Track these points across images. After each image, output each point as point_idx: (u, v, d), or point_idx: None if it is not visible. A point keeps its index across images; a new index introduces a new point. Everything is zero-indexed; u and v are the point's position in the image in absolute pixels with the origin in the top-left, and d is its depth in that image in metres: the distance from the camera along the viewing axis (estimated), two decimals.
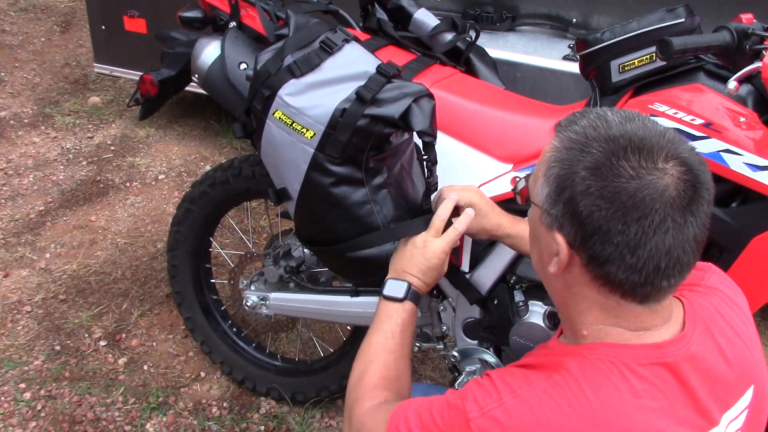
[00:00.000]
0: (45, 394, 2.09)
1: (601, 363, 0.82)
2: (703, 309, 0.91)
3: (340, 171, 1.31)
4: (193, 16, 1.73)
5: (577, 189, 0.79)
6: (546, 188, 0.83)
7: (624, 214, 0.76)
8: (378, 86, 1.27)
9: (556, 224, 0.82)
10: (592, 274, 0.82)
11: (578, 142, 0.81)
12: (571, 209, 0.80)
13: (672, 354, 0.83)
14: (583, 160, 0.79)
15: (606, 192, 0.77)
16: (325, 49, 1.34)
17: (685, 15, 1.40)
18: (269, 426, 2.06)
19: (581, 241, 0.80)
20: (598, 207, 0.77)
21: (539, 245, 0.89)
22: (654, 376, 0.82)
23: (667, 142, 0.79)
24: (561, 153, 0.82)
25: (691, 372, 0.84)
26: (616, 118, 0.81)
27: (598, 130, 0.80)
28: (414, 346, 1.77)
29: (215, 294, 2.18)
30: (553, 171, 0.82)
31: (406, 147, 1.43)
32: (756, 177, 1.26)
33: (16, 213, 2.86)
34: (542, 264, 0.90)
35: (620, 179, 0.76)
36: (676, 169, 0.77)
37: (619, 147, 0.78)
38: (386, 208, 1.38)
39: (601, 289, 0.83)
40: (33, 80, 3.92)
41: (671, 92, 1.38)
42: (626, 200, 0.76)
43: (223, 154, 3.39)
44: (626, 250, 0.78)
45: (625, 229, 0.76)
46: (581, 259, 0.82)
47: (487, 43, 2.42)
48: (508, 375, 0.87)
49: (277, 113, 1.32)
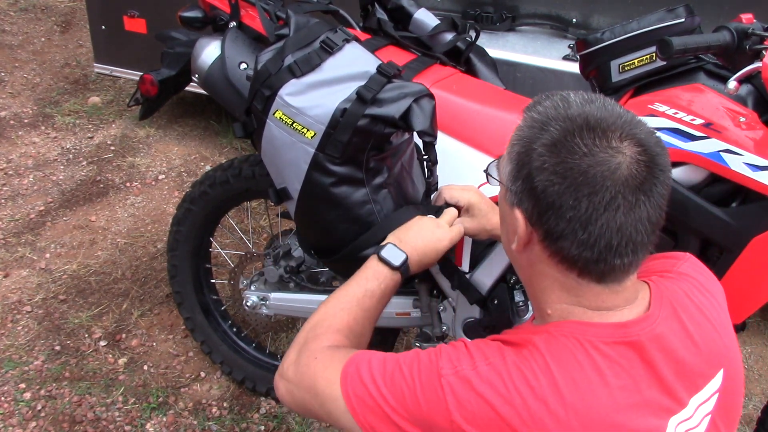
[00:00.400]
0: (45, 394, 2.09)
1: (566, 339, 0.84)
2: (671, 292, 0.92)
3: (340, 171, 1.32)
4: (194, 16, 1.73)
5: (534, 165, 0.82)
6: (509, 166, 0.87)
7: (575, 190, 0.78)
8: (378, 86, 1.27)
9: (516, 200, 0.85)
10: (549, 251, 0.85)
11: (539, 121, 0.84)
12: (528, 185, 0.83)
13: (636, 333, 0.84)
14: (541, 137, 0.82)
15: (560, 168, 0.79)
16: (326, 49, 1.34)
17: (685, 15, 1.41)
18: (269, 426, 2.06)
19: (537, 217, 0.83)
20: (551, 182, 0.80)
21: (506, 224, 0.92)
22: (618, 354, 0.83)
23: (623, 123, 0.81)
24: (523, 131, 0.85)
25: (657, 352, 0.85)
26: (578, 100, 0.84)
27: (558, 110, 0.83)
28: (414, 346, 1.77)
29: (215, 294, 2.18)
30: (515, 149, 0.86)
31: (406, 147, 1.43)
32: (756, 177, 1.26)
33: (16, 213, 2.86)
34: (508, 242, 0.93)
35: (574, 156, 0.79)
36: (630, 149, 0.79)
37: (575, 125, 0.80)
38: (387, 208, 1.38)
39: (560, 267, 0.85)
40: (33, 80, 3.92)
41: (671, 92, 1.38)
42: (578, 176, 0.78)
43: (223, 154, 3.39)
44: (578, 226, 0.80)
45: (577, 205, 0.79)
46: (538, 235, 0.85)
47: (487, 43, 2.42)
48: (483, 344, 0.89)
49: (278, 113, 1.32)
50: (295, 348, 1.06)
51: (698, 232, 1.36)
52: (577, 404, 0.80)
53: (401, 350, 2.32)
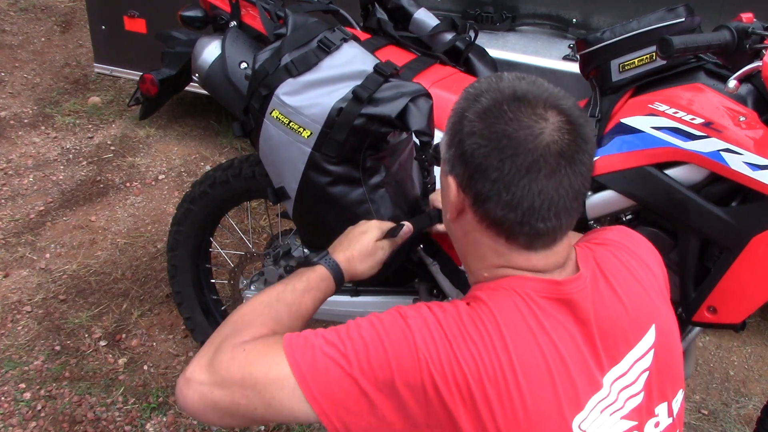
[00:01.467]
0: (45, 394, 2.09)
1: (505, 291, 0.88)
2: (597, 254, 0.96)
3: (337, 170, 1.32)
4: (194, 15, 1.73)
5: (465, 131, 0.86)
6: (445, 137, 0.91)
7: (500, 151, 0.83)
8: (375, 85, 1.27)
9: (449, 167, 0.89)
10: (479, 215, 0.88)
11: (473, 93, 0.88)
12: (459, 150, 0.87)
13: (569, 291, 0.88)
14: (474, 107, 0.86)
15: (486, 131, 0.84)
16: (323, 49, 1.34)
17: (685, 14, 1.40)
18: (269, 426, 2.06)
19: (468, 181, 0.87)
20: (479, 145, 0.84)
21: (445, 195, 0.95)
22: (553, 309, 0.87)
23: (549, 95, 0.85)
24: (459, 104, 0.90)
25: (587, 311, 0.88)
26: (510, 77, 0.89)
27: (491, 84, 0.88)
28: None
29: (215, 294, 2.18)
30: (450, 120, 0.90)
31: (404, 146, 1.43)
32: (756, 176, 1.26)
33: (16, 213, 2.86)
34: (445, 212, 0.96)
35: (500, 121, 0.83)
36: (555, 117, 0.83)
37: (504, 96, 0.85)
38: (384, 207, 1.38)
39: (490, 233, 0.89)
40: (33, 80, 3.92)
41: (671, 92, 1.38)
42: (502, 138, 0.83)
43: (223, 154, 3.39)
44: (502, 187, 0.83)
45: (501, 166, 0.83)
46: (469, 200, 0.88)
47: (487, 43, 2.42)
48: (435, 303, 0.92)
49: (275, 112, 1.33)
50: (207, 350, 0.94)
51: (698, 231, 1.36)
52: (521, 350, 0.83)
53: None
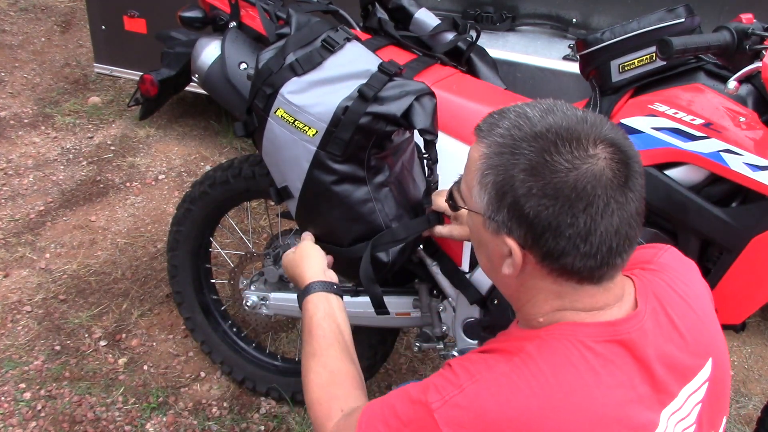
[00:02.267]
0: (45, 394, 2.09)
1: (558, 342, 0.84)
2: (655, 285, 0.93)
3: (342, 169, 1.32)
4: (193, 16, 1.73)
5: (518, 192, 0.80)
6: (485, 196, 0.84)
7: (570, 207, 0.78)
8: (380, 84, 1.27)
9: (504, 229, 0.84)
10: (549, 269, 0.84)
11: (507, 145, 0.82)
12: (516, 213, 0.81)
13: (627, 331, 0.85)
14: (518, 162, 0.80)
15: (548, 190, 0.78)
16: (327, 48, 1.34)
17: (685, 15, 1.40)
18: (269, 426, 2.06)
19: (533, 241, 0.82)
20: (544, 206, 0.79)
21: (487, 250, 0.90)
22: (610, 352, 0.84)
23: (590, 126, 0.81)
24: (492, 159, 0.83)
25: (646, 348, 0.85)
26: (537, 113, 0.83)
27: (523, 129, 0.82)
28: (414, 346, 1.77)
29: (215, 294, 2.18)
30: (488, 178, 0.83)
31: (406, 146, 1.43)
32: (756, 177, 1.26)
33: (16, 213, 2.86)
34: (492, 266, 0.91)
35: (558, 174, 0.78)
36: (605, 151, 0.80)
37: (549, 143, 0.79)
38: (388, 206, 1.38)
39: (557, 279, 0.85)
40: (33, 80, 3.92)
41: (671, 92, 1.38)
42: (569, 193, 0.78)
43: (223, 154, 3.39)
44: (579, 240, 0.80)
45: (575, 221, 0.79)
46: (535, 257, 0.84)
47: (487, 43, 2.42)
48: (467, 361, 0.88)
49: (279, 111, 1.33)
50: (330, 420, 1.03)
51: (698, 232, 1.36)
52: (573, 407, 0.80)
53: (401, 350, 2.32)
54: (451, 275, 1.57)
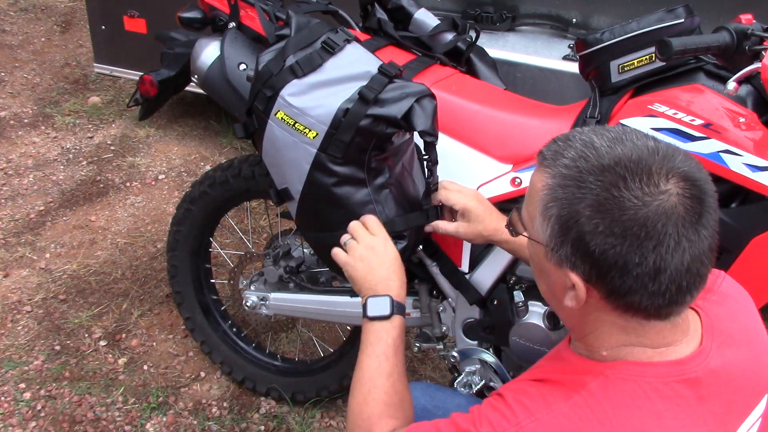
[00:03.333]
0: (45, 394, 2.09)
1: (624, 383, 0.80)
2: (719, 319, 0.90)
3: (342, 171, 1.32)
4: (193, 16, 1.73)
5: (584, 229, 0.76)
6: (547, 228, 0.81)
7: (639, 246, 0.74)
8: (380, 86, 1.27)
9: (567, 263, 0.80)
10: (614, 305, 0.80)
11: (572, 177, 0.78)
12: (581, 249, 0.78)
13: (693, 370, 0.82)
14: (583, 197, 0.76)
15: (616, 228, 0.75)
16: (327, 50, 1.34)
17: (684, 15, 1.40)
18: (269, 426, 2.06)
19: (598, 277, 0.78)
20: (611, 244, 0.75)
21: (548, 279, 0.87)
22: (676, 394, 0.80)
23: (662, 158, 0.77)
24: (556, 192, 0.79)
25: (711, 387, 0.83)
26: (605, 143, 0.79)
27: (590, 161, 0.78)
28: (414, 347, 1.77)
29: (215, 294, 2.18)
30: (551, 211, 0.80)
31: (406, 147, 1.43)
32: (755, 177, 1.26)
33: (16, 213, 2.86)
34: (554, 296, 0.88)
35: (627, 212, 0.74)
36: (678, 186, 0.75)
37: (617, 177, 0.75)
38: (388, 208, 1.38)
39: (623, 315, 0.81)
40: (33, 80, 3.92)
41: (671, 93, 1.38)
42: (638, 231, 0.74)
43: (223, 154, 3.39)
44: (647, 279, 0.76)
45: (643, 261, 0.75)
46: (600, 293, 0.80)
47: (487, 43, 2.42)
48: (523, 395, 0.84)
49: (279, 113, 1.33)
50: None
51: None
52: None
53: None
54: (451, 276, 1.57)
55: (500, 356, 1.62)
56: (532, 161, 1.49)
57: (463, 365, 1.63)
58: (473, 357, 1.61)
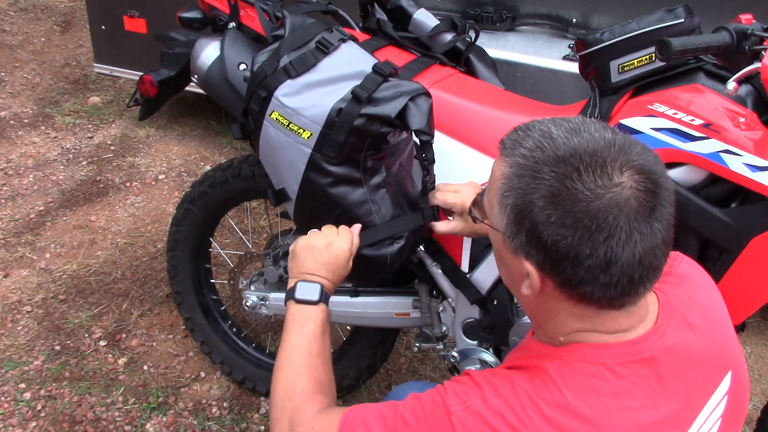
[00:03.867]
0: (45, 394, 2.09)
1: (579, 364, 0.82)
2: (677, 299, 0.91)
3: (337, 171, 1.32)
4: (193, 16, 1.73)
5: (537, 219, 0.77)
6: (504, 217, 0.82)
7: (590, 238, 0.75)
8: (374, 85, 1.27)
9: (522, 252, 0.81)
10: (568, 294, 0.81)
11: (528, 168, 0.78)
12: (535, 239, 0.78)
13: (648, 348, 0.83)
14: (538, 188, 0.77)
15: (567, 220, 0.75)
16: (321, 49, 1.34)
17: (684, 15, 1.40)
18: (269, 426, 2.06)
19: (551, 267, 0.79)
20: (562, 235, 0.76)
21: (507, 267, 0.88)
22: (633, 373, 0.81)
23: (618, 151, 0.77)
24: (512, 181, 0.80)
25: (669, 365, 0.84)
26: (561, 133, 0.79)
27: (546, 152, 0.78)
28: (414, 347, 1.77)
29: (215, 294, 2.18)
30: (508, 200, 0.81)
31: (404, 146, 1.43)
32: (755, 177, 1.26)
33: (16, 213, 2.86)
34: (513, 283, 0.90)
35: (579, 203, 0.74)
36: (632, 179, 0.75)
37: (572, 168, 0.75)
38: (385, 207, 1.38)
39: (578, 304, 0.82)
40: (33, 80, 3.92)
41: (671, 92, 1.38)
42: (589, 224, 0.74)
43: (223, 154, 3.39)
44: (598, 271, 0.77)
45: (594, 252, 0.75)
46: (554, 282, 0.81)
47: (487, 43, 2.42)
48: (490, 375, 0.86)
49: (274, 114, 1.33)
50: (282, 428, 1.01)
51: (697, 232, 1.35)
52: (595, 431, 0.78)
53: (401, 350, 2.32)
54: (451, 275, 1.57)
55: (500, 356, 1.62)
56: None
57: (463, 365, 1.63)
58: (473, 357, 1.61)
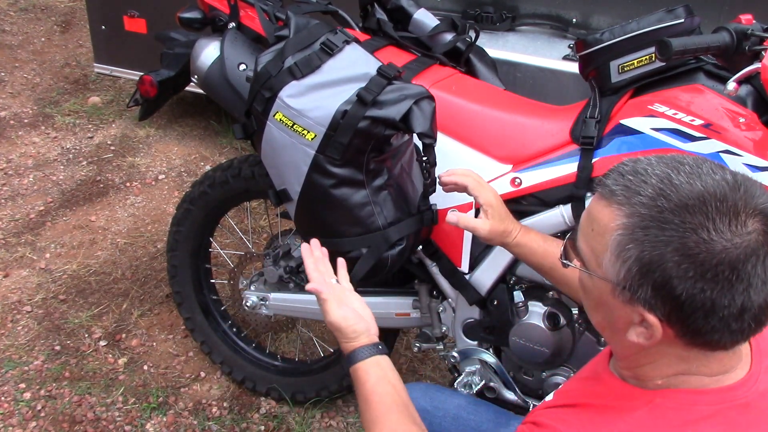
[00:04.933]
0: (45, 394, 2.09)
1: (675, 412, 0.79)
2: (764, 340, 0.88)
3: (340, 173, 1.32)
4: (193, 16, 1.73)
5: (671, 274, 0.73)
6: (622, 268, 0.77)
7: (730, 289, 0.72)
8: (379, 88, 1.27)
9: (644, 304, 0.76)
10: (689, 341, 0.78)
11: (653, 218, 0.74)
12: (664, 292, 0.74)
13: (744, 395, 0.80)
14: (670, 240, 0.72)
15: (709, 274, 0.71)
16: (326, 51, 1.34)
17: (684, 15, 1.40)
18: (269, 426, 2.06)
19: (678, 319, 0.75)
20: (700, 289, 0.72)
21: (610, 314, 0.82)
22: (728, 421, 0.79)
23: (744, 194, 0.74)
24: (636, 233, 0.75)
25: (763, 410, 0.81)
26: (683, 179, 0.74)
27: (672, 200, 0.73)
28: (414, 347, 1.77)
29: (215, 294, 2.18)
30: (630, 253, 0.75)
31: (405, 148, 1.43)
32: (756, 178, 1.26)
33: (16, 213, 2.86)
34: (612, 328, 0.84)
35: (718, 255, 0.71)
36: (761, 222, 0.73)
37: (704, 218, 0.72)
38: (387, 209, 1.38)
39: (692, 350, 0.79)
40: (33, 80, 3.92)
41: (671, 93, 1.38)
42: (730, 275, 0.71)
43: (223, 154, 3.39)
44: (731, 319, 0.74)
45: (732, 302, 0.72)
46: (675, 331, 0.77)
47: (487, 43, 2.42)
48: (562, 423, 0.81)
49: (278, 115, 1.33)
50: None
51: None
52: None
53: (401, 350, 2.32)
54: (451, 276, 1.57)
55: (500, 356, 1.62)
56: (531, 161, 1.49)
57: (463, 365, 1.63)
58: (473, 357, 1.62)
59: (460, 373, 1.61)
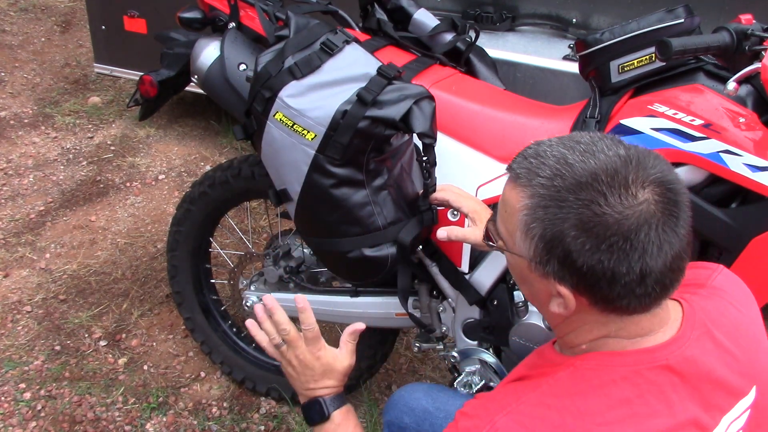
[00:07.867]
0: (45, 394, 2.09)
1: (591, 372, 0.83)
2: (705, 311, 0.91)
3: (340, 173, 1.32)
4: (193, 16, 1.73)
5: (570, 248, 0.78)
6: (531, 245, 0.82)
7: (626, 258, 0.76)
8: (379, 88, 1.28)
9: (554, 277, 0.82)
10: (601, 308, 0.82)
11: (551, 197, 0.79)
12: (568, 264, 0.79)
13: (664, 357, 0.83)
14: (567, 217, 0.77)
15: (602, 245, 0.76)
16: (326, 51, 1.34)
17: (684, 15, 1.40)
18: (269, 426, 2.06)
19: (586, 288, 0.80)
20: (598, 260, 0.77)
21: (531, 287, 0.89)
22: (646, 381, 0.82)
23: (636, 167, 0.78)
24: (537, 212, 0.80)
25: (688, 374, 0.83)
26: (577, 157, 0.79)
27: (566, 179, 0.78)
28: (414, 347, 1.77)
29: (215, 294, 2.18)
30: (535, 231, 0.81)
31: (405, 148, 1.43)
32: (755, 178, 1.26)
33: (16, 213, 2.86)
34: (537, 301, 0.90)
35: (611, 227, 0.76)
36: (654, 192, 0.77)
37: (596, 193, 0.76)
38: (387, 209, 1.38)
39: (609, 315, 0.83)
40: (33, 80, 3.92)
41: (671, 93, 1.38)
42: (624, 245, 0.76)
43: (223, 154, 3.39)
44: (634, 285, 0.78)
45: (630, 270, 0.77)
46: (588, 300, 0.82)
47: (487, 43, 2.42)
48: (497, 393, 0.87)
49: (278, 115, 1.33)
50: None
51: (698, 232, 1.35)
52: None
53: (401, 350, 2.32)
54: (451, 276, 1.57)
55: (500, 356, 1.62)
56: None
57: (463, 365, 1.63)
58: (473, 357, 1.62)
59: (460, 373, 1.61)
